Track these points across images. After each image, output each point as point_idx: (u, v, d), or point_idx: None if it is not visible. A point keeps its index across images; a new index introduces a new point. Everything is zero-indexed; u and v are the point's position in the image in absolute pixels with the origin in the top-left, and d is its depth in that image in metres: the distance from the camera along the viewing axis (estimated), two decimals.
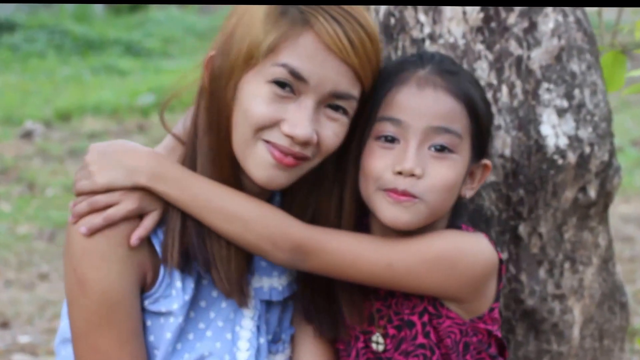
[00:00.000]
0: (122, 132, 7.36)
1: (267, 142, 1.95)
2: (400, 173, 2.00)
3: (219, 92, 1.97)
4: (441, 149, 2.02)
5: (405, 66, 2.07)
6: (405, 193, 2.00)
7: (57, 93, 8.27)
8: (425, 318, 2.07)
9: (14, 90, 8.38)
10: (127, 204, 1.97)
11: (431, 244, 2.03)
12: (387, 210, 2.01)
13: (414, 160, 1.99)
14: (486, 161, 2.11)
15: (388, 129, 2.03)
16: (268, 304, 2.12)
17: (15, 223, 5.53)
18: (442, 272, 2.02)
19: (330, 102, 1.97)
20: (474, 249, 2.04)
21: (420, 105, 2.02)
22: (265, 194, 2.08)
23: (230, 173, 2.00)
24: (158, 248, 2.00)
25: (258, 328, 2.08)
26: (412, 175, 2.00)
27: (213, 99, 1.99)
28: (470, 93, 2.05)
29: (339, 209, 2.07)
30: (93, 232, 1.94)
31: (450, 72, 2.06)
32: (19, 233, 5.40)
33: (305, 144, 1.95)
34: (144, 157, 1.99)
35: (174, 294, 2.00)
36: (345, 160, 2.07)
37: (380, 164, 2.02)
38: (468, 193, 2.10)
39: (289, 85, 1.93)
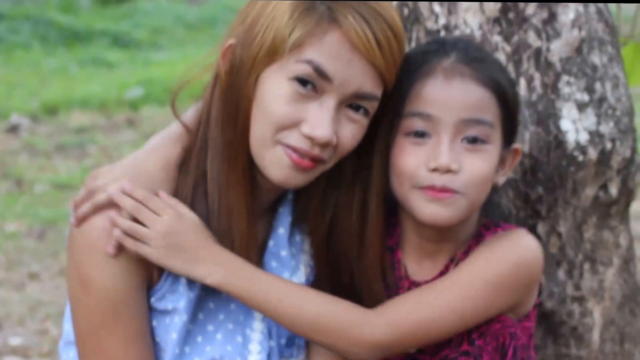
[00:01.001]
0: (110, 127, 7.33)
1: (286, 145, 1.91)
2: (435, 170, 1.96)
3: (238, 84, 1.92)
4: (474, 140, 1.99)
5: (429, 56, 2.02)
6: (444, 189, 1.96)
7: (43, 86, 8.23)
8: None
9: None
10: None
11: (491, 276, 1.98)
12: (426, 208, 1.97)
13: (448, 156, 1.95)
14: (516, 146, 2.09)
15: (417, 124, 1.98)
16: None
17: (3, 221, 5.51)
18: (507, 294, 1.99)
19: (352, 102, 1.93)
20: (527, 256, 2.01)
21: (449, 97, 1.97)
22: (278, 190, 2.03)
23: (244, 169, 1.96)
24: None
25: (269, 330, 2.03)
26: (449, 170, 1.96)
27: (231, 91, 1.93)
28: (498, 79, 2.01)
29: (362, 209, 2.03)
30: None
31: (477, 60, 2.01)
32: (7, 231, 5.38)
33: (325, 145, 1.91)
34: (213, 254, 1.94)
35: (180, 290, 1.96)
36: (368, 159, 2.02)
37: (412, 161, 1.98)
38: (500, 180, 2.08)
39: (312, 83, 1.89)
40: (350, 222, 2.03)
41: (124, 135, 7.15)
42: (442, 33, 2.27)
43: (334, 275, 2.06)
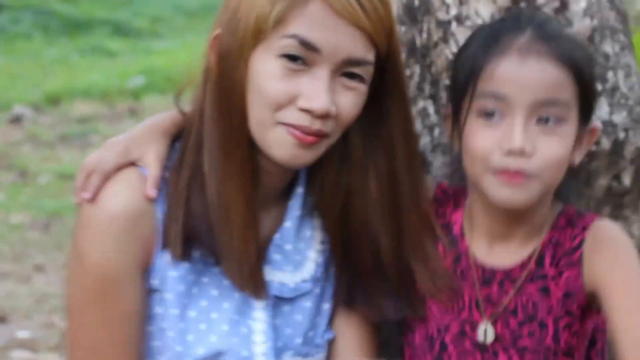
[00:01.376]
0: (113, 116, 7.33)
1: (287, 124, 1.88)
2: (509, 152, 1.92)
3: (229, 73, 1.90)
4: (549, 121, 1.94)
5: (502, 33, 1.97)
6: (519, 173, 1.92)
7: (45, 76, 8.23)
8: (562, 323, 1.99)
9: (0, 74, 8.32)
10: (112, 149, 1.94)
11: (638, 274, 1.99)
12: (500, 192, 1.94)
13: (523, 138, 1.91)
14: (594, 125, 2.05)
15: (490, 104, 1.94)
16: (290, 301, 2.03)
17: (8, 212, 5.51)
18: None
19: (345, 69, 1.90)
20: (630, 243, 2.03)
21: (524, 77, 1.92)
22: (287, 174, 2.01)
23: (243, 159, 1.93)
24: (160, 215, 1.93)
25: (281, 326, 2.01)
26: (523, 153, 1.92)
27: (222, 81, 1.92)
28: (575, 57, 1.96)
29: (390, 179, 2.00)
30: (95, 193, 1.90)
31: (553, 36, 1.96)
32: (12, 223, 5.37)
33: (324, 116, 1.88)
34: None
35: (169, 270, 1.94)
36: (384, 129, 1.99)
37: (485, 143, 1.94)
38: (577, 159, 2.03)
39: (301, 57, 1.87)
40: (367, 196, 2.00)
41: (127, 124, 7.13)
42: (454, 24, 2.23)
43: (353, 256, 2.03)
